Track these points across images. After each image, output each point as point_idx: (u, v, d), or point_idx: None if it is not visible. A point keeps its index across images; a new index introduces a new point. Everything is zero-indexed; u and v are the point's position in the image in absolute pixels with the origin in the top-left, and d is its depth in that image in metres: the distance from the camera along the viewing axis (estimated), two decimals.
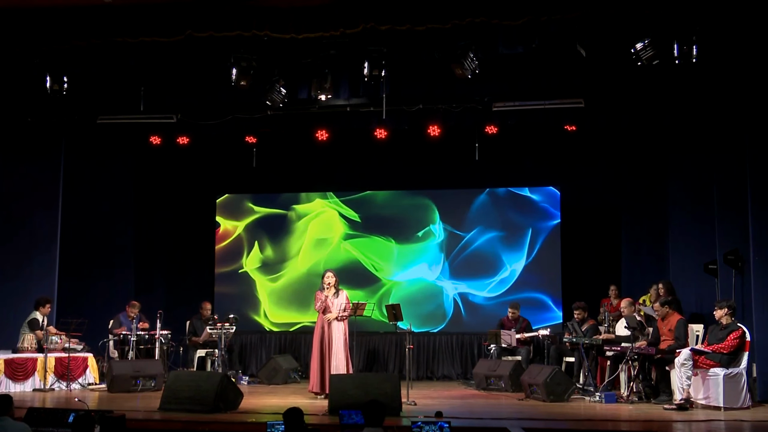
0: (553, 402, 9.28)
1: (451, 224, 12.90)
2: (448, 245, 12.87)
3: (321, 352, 9.71)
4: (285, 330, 13.11)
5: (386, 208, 13.13)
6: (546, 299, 12.47)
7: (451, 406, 9.22)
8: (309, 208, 13.30)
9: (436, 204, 12.99)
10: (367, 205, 13.18)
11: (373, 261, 13.00)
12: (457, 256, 12.82)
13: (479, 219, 12.83)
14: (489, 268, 12.71)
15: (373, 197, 13.20)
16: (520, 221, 12.73)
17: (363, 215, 13.13)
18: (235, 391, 8.78)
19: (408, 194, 13.10)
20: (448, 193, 13.00)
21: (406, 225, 13.00)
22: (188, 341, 11.92)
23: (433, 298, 12.79)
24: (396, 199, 13.13)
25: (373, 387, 8.50)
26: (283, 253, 13.26)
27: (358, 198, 13.22)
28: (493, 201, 12.87)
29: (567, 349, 10.79)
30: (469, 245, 12.82)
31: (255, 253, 13.35)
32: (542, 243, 12.62)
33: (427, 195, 13.04)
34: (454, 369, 12.53)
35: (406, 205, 13.06)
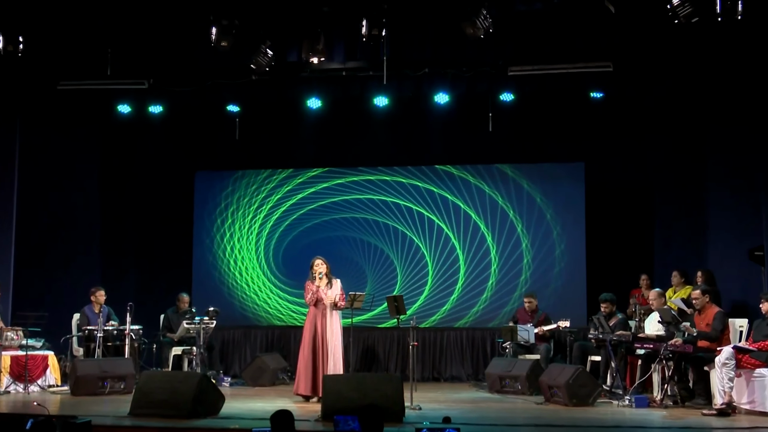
0: (577, 406, 9.27)
1: (459, 203, 12.86)
2: (456, 226, 12.83)
3: (313, 349, 9.69)
4: (274, 323, 13.11)
5: (387, 185, 13.10)
6: (568, 289, 12.45)
7: (461, 410, 9.21)
8: (299, 185, 13.27)
9: (444, 181, 12.96)
10: (364, 182, 13.16)
11: (373, 243, 12.99)
12: (466, 239, 12.80)
13: (492, 198, 12.80)
14: (503, 253, 12.69)
15: (371, 174, 13.16)
16: (538, 201, 12.70)
17: (360, 193, 13.11)
18: (215, 393, 8.77)
19: (412, 170, 13.07)
20: (458, 169, 12.97)
21: (408, 204, 12.97)
22: (163, 337, 11.91)
23: (439, 287, 12.81)
24: (398, 176, 13.09)
25: (371, 389, 8.48)
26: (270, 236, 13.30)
27: (355, 174, 13.19)
28: (508, 178, 12.84)
29: (592, 346, 10.77)
30: (479, 227, 12.78)
31: (238, 236, 13.32)
32: (564, 226, 12.60)
33: (433, 171, 13.02)
34: (464, 369, 12.54)
35: (410, 183, 13.03)
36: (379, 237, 13.07)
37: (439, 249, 12.91)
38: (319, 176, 13.27)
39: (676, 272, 10.98)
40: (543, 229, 12.66)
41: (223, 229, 13.42)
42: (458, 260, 12.84)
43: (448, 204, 12.93)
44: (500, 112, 12.09)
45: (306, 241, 13.16)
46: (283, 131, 13.30)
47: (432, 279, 12.89)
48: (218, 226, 13.44)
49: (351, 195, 13.19)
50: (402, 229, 13.03)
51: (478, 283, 12.76)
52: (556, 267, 12.56)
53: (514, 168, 12.83)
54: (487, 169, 12.88)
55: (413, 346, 9.66)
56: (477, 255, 12.81)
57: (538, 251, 12.66)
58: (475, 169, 12.91)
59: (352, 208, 13.16)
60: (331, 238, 13.14)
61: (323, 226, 13.21)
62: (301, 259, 12.70)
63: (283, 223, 13.29)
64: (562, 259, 12.55)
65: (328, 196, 13.23)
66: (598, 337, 10.33)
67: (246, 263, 13.36)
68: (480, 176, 12.88)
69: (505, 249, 12.76)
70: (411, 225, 13.01)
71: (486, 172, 12.88)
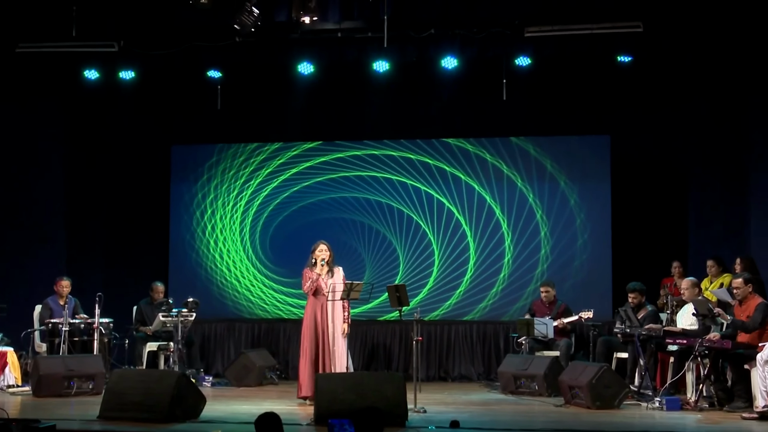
0: (601, 409, 9.27)
1: (469, 181, 12.83)
2: (467, 210, 12.81)
3: (314, 345, 9.69)
4: (260, 315, 13.12)
5: (387, 161, 13.07)
6: (592, 278, 12.45)
7: (471, 414, 9.20)
8: (293, 158, 13.26)
9: (452, 155, 12.94)
10: (362, 157, 13.13)
11: (374, 226, 12.98)
12: (478, 224, 12.77)
13: (510, 179, 12.79)
14: (518, 241, 12.68)
15: (370, 148, 13.13)
16: (558, 178, 12.68)
17: (362, 170, 13.09)
18: (195, 394, 8.76)
19: (416, 144, 13.05)
20: (468, 143, 12.94)
21: (415, 183, 12.95)
22: (135, 332, 11.91)
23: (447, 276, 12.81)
24: (400, 151, 13.06)
25: (370, 389, 8.48)
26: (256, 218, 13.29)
27: (352, 149, 13.17)
28: (525, 152, 12.82)
29: (618, 341, 10.77)
30: (494, 212, 12.75)
31: (220, 218, 13.30)
32: (587, 206, 12.59)
33: (441, 144, 12.99)
34: (474, 367, 12.55)
35: (414, 158, 13.01)
36: (380, 220, 13.04)
37: (447, 235, 12.89)
38: (317, 149, 13.24)
39: (712, 260, 10.95)
40: (566, 216, 12.65)
41: (203, 205, 13.42)
42: (468, 248, 12.82)
43: (460, 185, 12.91)
44: (516, 78, 12.05)
45: (298, 222, 13.16)
46: (271, 100, 13.26)
47: (438, 267, 12.88)
48: (198, 202, 13.44)
49: (351, 171, 13.16)
50: (407, 212, 13.00)
51: (490, 275, 12.76)
52: (577, 260, 12.55)
53: (533, 142, 12.80)
54: (505, 143, 12.85)
55: (417, 341, 9.62)
56: (490, 243, 12.80)
57: (558, 240, 12.66)
58: (492, 144, 12.88)
59: (351, 186, 13.13)
60: (327, 220, 13.12)
61: (318, 206, 13.20)
62: (292, 243, 12.75)
63: (273, 201, 13.27)
64: (584, 250, 12.55)
65: (326, 171, 13.21)
66: (625, 331, 10.32)
67: (228, 245, 13.35)
68: (498, 153, 12.84)
69: (521, 237, 12.75)
70: (417, 207, 12.98)
71: (504, 148, 12.84)
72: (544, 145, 12.82)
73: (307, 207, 13.23)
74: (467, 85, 12.55)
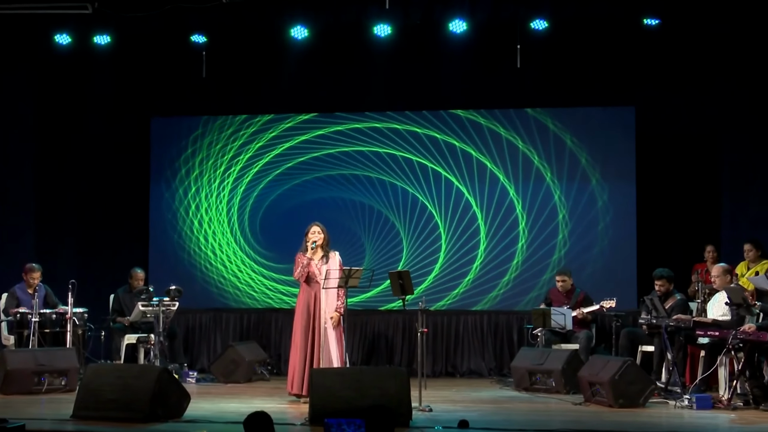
0: (624, 408, 9.26)
1: (480, 157, 12.80)
2: (479, 190, 12.79)
3: (305, 337, 9.69)
4: (250, 305, 13.13)
5: (391, 135, 13.05)
6: (615, 264, 12.43)
7: (481, 413, 9.21)
8: (287, 131, 13.24)
9: (462, 129, 12.92)
10: (363, 131, 13.11)
11: (375, 206, 12.97)
12: (490, 206, 12.74)
13: (526, 156, 12.76)
14: (533, 225, 12.67)
15: (372, 120, 13.10)
16: (579, 155, 12.65)
17: (363, 144, 13.09)
18: (178, 392, 8.76)
19: (422, 116, 13.02)
20: (480, 115, 12.90)
21: (422, 160, 12.93)
22: (113, 323, 11.92)
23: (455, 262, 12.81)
24: (405, 123, 13.03)
25: (371, 386, 8.48)
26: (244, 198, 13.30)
27: (351, 122, 13.14)
28: (542, 126, 12.79)
29: (644, 334, 10.78)
30: (507, 192, 12.72)
31: (206, 197, 13.28)
32: (610, 185, 12.57)
33: (450, 117, 12.97)
34: (485, 362, 12.57)
35: (420, 132, 12.98)
36: (382, 200, 13.02)
37: (456, 217, 12.87)
38: (313, 121, 13.21)
39: (749, 243, 10.92)
40: (586, 196, 12.62)
41: (187, 182, 13.41)
42: (479, 231, 12.79)
43: (471, 162, 12.87)
44: (531, 43, 12.02)
45: (292, 202, 13.15)
46: (262, 68, 13.22)
47: (445, 252, 12.87)
48: (181, 178, 13.43)
49: (351, 146, 13.13)
50: (411, 191, 12.97)
51: (502, 261, 12.74)
52: (598, 244, 12.55)
53: (551, 114, 12.76)
54: (520, 115, 12.81)
55: (422, 333, 9.62)
56: (503, 226, 12.78)
57: (578, 223, 12.63)
58: (505, 116, 12.83)
59: (351, 162, 13.10)
60: (324, 199, 13.11)
61: (314, 184, 13.19)
62: (285, 225, 12.75)
63: (264, 178, 13.25)
64: (606, 234, 12.53)
65: (323, 146, 13.18)
66: (651, 322, 10.33)
67: (214, 227, 13.34)
68: (512, 126, 12.80)
69: (537, 220, 12.73)
70: (423, 186, 12.96)
71: (520, 121, 12.79)
72: (563, 118, 12.77)
73: (302, 185, 13.21)
74: (478, 51, 12.50)
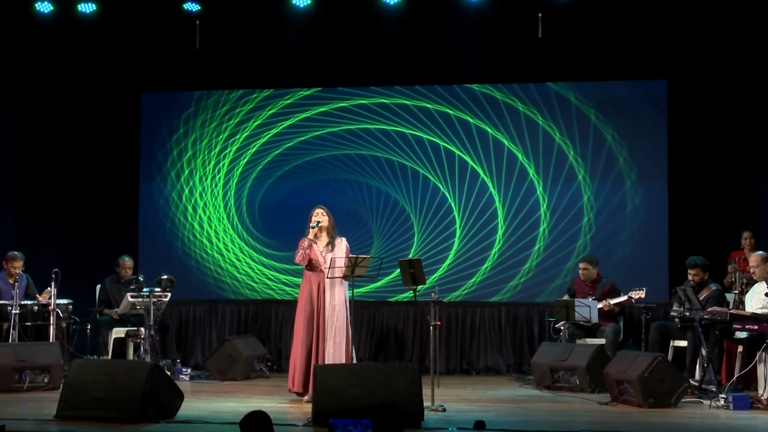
0: (655, 408, 9.25)
1: (497, 135, 12.79)
2: (496, 170, 12.78)
3: (308, 331, 9.70)
4: (248, 296, 13.16)
5: (399, 111, 13.04)
6: (644, 251, 12.42)
7: (498, 413, 9.21)
8: (287, 108, 13.24)
9: (477, 104, 12.90)
10: (369, 107, 13.10)
11: (383, 189, 12.98)
12: (508, 187, 12.73)
13: (541, 128, 12.75)
14: (556, 208, 12.67)
15: (379, 96, 13.09)
16: (604, 132, 12.63)
17: (370, 122, 13.07)
18: (170, 390, 8.78)
19: (433, 91, 13.00)
20: (496, 89, 12.88)
21: (434, 138, 12.92)
22: (99, 315, 11.94)
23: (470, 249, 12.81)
24: (415, 99, 13.02)
25: (379, 384, 8.49)
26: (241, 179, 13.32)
27: (357, 97, 13.13)
28: (564, 101, 12.77)
29: (676, 327, 10.78)
30: (527, 173, 12.71)
31: (200, 180, 13.30)
32: (639, 166, 12.56)
33: (463, 91, 12.96)
34: (503, 358, 12.59)
35: (431, 108, 12.97)
36: (390, 181, 13.02)
37: (472, 200, 12.87)
38: (316, 97, 13.21)
39: None
40: (613, 176, 12.61)
41: (180, 164, 13.43)
42: (496, 215, 12.79)
43: (487, 140, 12.86)
44: (553, 11, 12.00)
45: (292, 185, 13.18)
46: (260, 39, 13.20)
47: (460, 238, 12.88)
48: (173, 160, 13.45)
49: (356, 124, 13.14)
50: (422, 172, 12.97)
51: (522, 247, 12.75)
52: (626, 230, 12.54)
53: (574, 89, 12.74)
54: (541, 90, 12.80)
55: (435, 326, 9.62)
56: (522, 209, 12.78)
57: (604, 206, 12.63)
58: (524, 90, 12.82)
59: (356, 141, 13.11)
60: (328, 182, 13.13)
61: (317, 165, 13.20)
62: (286, 210, 12.77)
63: (263, 159, 13.27)
64: (635, 218, 12.52)
65: (326, 124, 13.19)
66: (684, 314, 10.30)
67: (210, 212, 13.36)
68: (532, 101, 12.80)
69: (560, 203, 12.72)
70: (435, 166, 12.95)
71: (540, 95, 12.79)
72: (587, 92, 12.75)
73: (304, 166, 13.22)
74: (495, 19, 12.50)
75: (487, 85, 12.91)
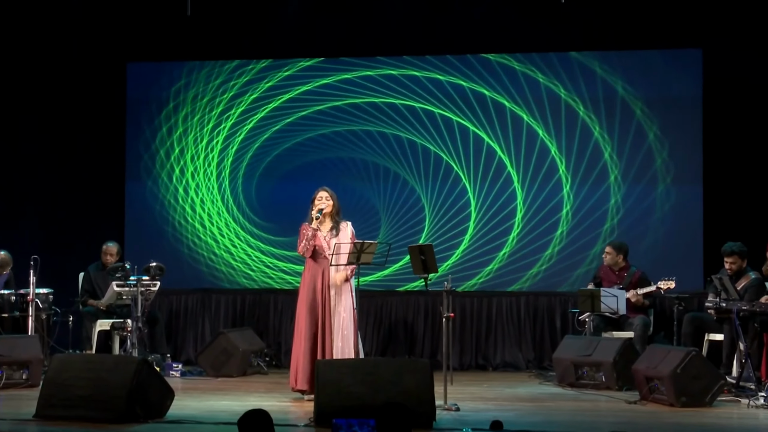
0: (688, 407, 9.25)
1: (515, 109, 12.79)
2: (514, 147, 12.77)
3: (311, 323, 9.70)
4: (244, 285, 13.17)
5: (408, 83, 13.02)
6: (677, 236, 12.42)
7: (517, 413, 9.22)
8: (285, 81, 13.24)
9: (493, 76, 12.89)
10: (375, 79, 13.09)
11: (391, 168, 12.98)
12: (528, 166, 12.71)
13: (570, 106, 12.74)
14: (580, 188, 12.66)
15: (386, 66, 13.07)
16: (633, 105, 12.61)
17: (376, 95, 13.08)
18: (160, 387, 8.80)
19: (445, 61, 12.99)
20: (514, 59, 12.87)
21: (446, 113, 12.90)
22: (83, 306, 11.97)
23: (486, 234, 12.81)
24: (425, 70, 13.01)
25: (387, 381, 8.49)
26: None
27: (361, 68, 13.11)
28: (588, 71, 12.75)
29: (711, 319, 10.77)
30: (548, 150, 12.69)
31: (192, 159, 13.29)
32: (671, 142, 12.52)
33: (478, 61, 12.94)
34: (522, 352, 12.60)
35: (443, 79, 12.95)
36: (399, 160, 13.01)
37: (488, 180, 12.85)
38: (317, 68, 13.20)
39: None
40: (642, 153, 12.58)
41: (170, 142, 13.46)
42: (515, 197, 12.78)
43: (504, 114, 12.84)
44: None
45: (292, 164, 13.20)
46: (256, 5, 13.21)
47: (475, 222, 12.88)
48: (163, 137, 13.48)
49: (361, 97, 13.14)
50: (434, 150, 12.96)
51: (542, 232, 12.75)
52: (657, 212, 12.53)
53: (599, 59, 12.71)
54: (563, 60, 12.78)
55: (448, 318, 9.61)
56: (543, 190, 12.78)
57: (633, 187, 12.61)
58: (545, 60, 12.80)
59: (362, 116, 13.10)
60: (331, 160, 13.14)
61: (318, 142, 13.20)
62: (284, 192, 12.77)
63: (260, 136, 13.28)
64: (667, 199, 12.51)
65: (328, 98, 13.18)
66: (720, 305, 10.30)
67: (203, 194, 13.37)
68: (553, 72, 12.77)
69: (584, 183, 12.70)
70: (448, 143, 12.94)
71: (562, 66, 12.76)
72: (613, 62, 12.72)
73: (304, 143, 13.23)
74: None
75: (505, 54, 12.88)
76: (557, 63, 12.78)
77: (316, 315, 9.72)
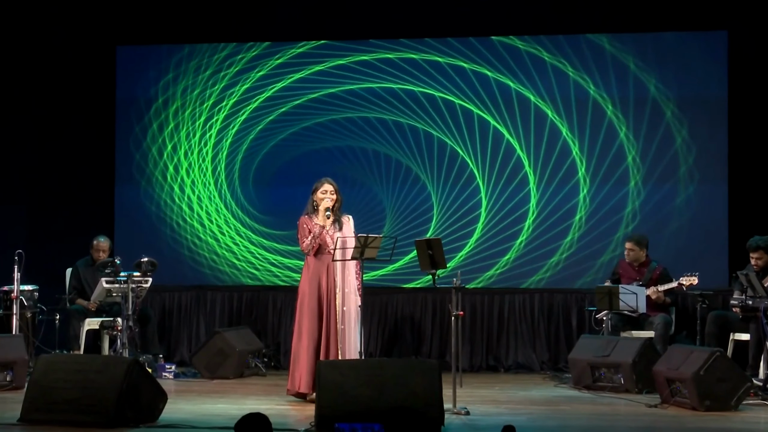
0: (712, 411, 9.25)
1: (522, 90, 12.81)
2: (523, 132, 12.78)
3: (316, 323, 9.74)
4: (241, 281, 13.20)
5: (407, 67, 13.05)
6: (699, 229, 12.42)
7: (531, 417, 9.23)
8: (279, 69, 13.26)
9: (497, 57, 12.91)
10: (379, 63, 13.12)
11: (394, 157, 13.02)
12: (539, 152, 12.72)
13: (580, 86, 12.75)
14: (596, 173, 12.69)
15: (391, 50, 13.10)
16: (652, 90, 12.63)
17: (374, 81, 13.09)
18: (152, 389, 8.81)
19: (446, 44, 13.01)
20: (519, 39, 12.88)
21: (449, 97, 12.94)
22: (70, 303, 11.99)
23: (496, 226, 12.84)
24: (424, 53, 13.03)
25: (393, 383, 8.48)
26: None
27: (355, 54, 13.15)
28: (604, 55, 12.77)
29: (737, 318, 10.78)
30: (559, 133, 12.71)
31: (185, 154, 13.32)
32: (692, 123, 12.53)
33: (480, 43, 12.96)
34: (536, 353, 12.62)
35: (443, 62, 12.97)
36: (402, 148, 13.03)
37: (496, 168, 12.87)
38: (310, 54, 13.22)
39: None
40: (660, 135, 12.57)
41: (162, 138, 13.45)
42: (527, 183, 12.79)
43: (509, 96, 12.86)
44: None
45: (289, 154, 13.24)
46: None
47: (486, 214, 12.89)
48: (154, 134, 13.48)
49: (359, 83, 13.16)
50: (437, 136, 12.97)
51: (556, 221, 12.77)
52: (680, 195, 12.54)
53: (611, 39, 12.72)
54: (572, 42, 12.75)
55: (457, 316, 9.62)
56: (555, 177, 12.80)
57: (650, 173, 12.63)
58: (553, 42, 12.80)
59: (361, 103, 13.12)
60: (328, 150, 13.17)
61: (314, 131, 13.23)
62: (280, 183, 12.83)
63: (253, 128, 13.32)
64: (688, 188, 12.52)
65: (324, 84, 13.20)
66: (747, 303, 10.33)
67: (197, 189, 13.39)
68: (561, 52, 12.78)
69: (599, 168, 12.72)
70: (453, 129, 12.95)
71: (570, 46, 12.76)
72: (629, 44, 12.71)
73: (299, 134, 13.27)
74: None
75: (511, 36, 12.89)
76: (566, 44, 12.75)
77: (322, 314, 9.74)
